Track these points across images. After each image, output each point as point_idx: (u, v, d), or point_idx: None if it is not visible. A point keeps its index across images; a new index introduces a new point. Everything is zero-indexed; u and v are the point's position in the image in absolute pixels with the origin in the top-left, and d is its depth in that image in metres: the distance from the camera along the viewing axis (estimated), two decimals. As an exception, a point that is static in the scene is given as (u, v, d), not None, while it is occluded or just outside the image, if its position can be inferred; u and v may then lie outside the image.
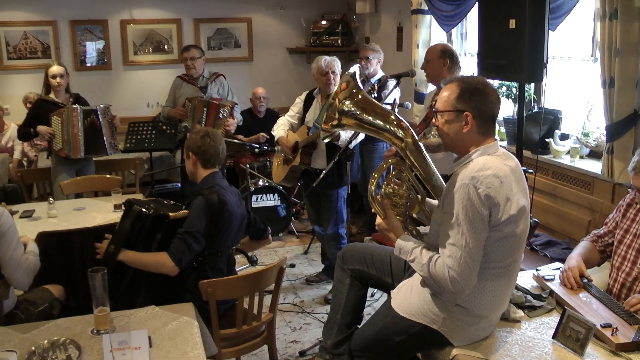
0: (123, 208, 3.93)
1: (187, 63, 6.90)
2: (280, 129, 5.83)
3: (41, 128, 6.04)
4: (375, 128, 3.27)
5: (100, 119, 6.17)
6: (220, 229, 3.84)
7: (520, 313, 3.27)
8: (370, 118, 3.25)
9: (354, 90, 3.26)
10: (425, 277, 2.99)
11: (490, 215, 2.82)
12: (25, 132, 6.25)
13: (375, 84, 6.38)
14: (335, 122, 3.31)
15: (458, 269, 2.80)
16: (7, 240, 3.54)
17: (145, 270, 3.77)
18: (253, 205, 6.93)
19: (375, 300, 5.48)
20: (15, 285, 3.66)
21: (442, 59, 4.95)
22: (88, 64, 9.12)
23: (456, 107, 2.96)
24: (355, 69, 3.36)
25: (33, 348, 2.85)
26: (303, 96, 5.92)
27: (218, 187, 3.90)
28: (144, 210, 3.74)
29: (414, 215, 3.41)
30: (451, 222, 2.85)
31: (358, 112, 3.25)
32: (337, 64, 5.61)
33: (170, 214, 3.79)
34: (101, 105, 6.26)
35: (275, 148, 6.00)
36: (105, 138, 6.21)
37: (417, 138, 3.26)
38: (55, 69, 6.11)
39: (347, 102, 3.25)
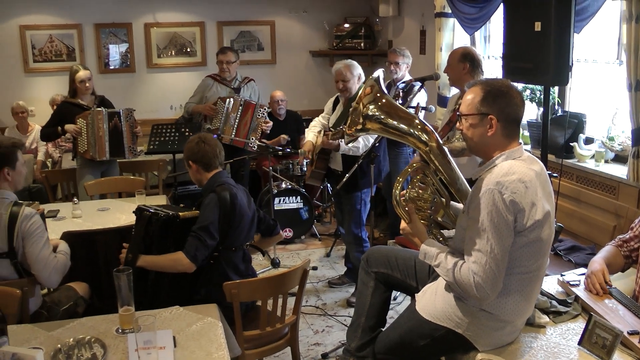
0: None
1: (222, 66, 6.96)
2: (310, 131, 5.87)
3: (69, 126, 6.09)
4: (399, 132, 3.25)
5: (122, 122, 6.21)
6: (233, 223, 3.90)
7: (545, 318, 3.25)
8: (395, 122, 3.23)
9: (378, 95, 3.24)
10: (450, 283, 2.97)
11: (515, 221, 2.80)
12: (50, 132, 6.29)
13: (401, 91, 6.37)
14: (359, 127, 3.29)
15: (483, 274, 2.78)
16: (35, 241, 3.60)
17: (165, 272, 3.83)
18: (275, 208, 6.93)
19: (397, 303, 5.47)
20: (44, 283, 3.72)
21: (462, 63, 4.92)
22: (112, 67, 9.18)
23: (480, 111, 2.94)
24: (379, 73, 3.34)
25: (59, 346, 2.87)
26: (333, 98, 5.91)
27: (228, 184, 3.99)
28: (154, 215, 3.81)
29: (439, 219, 3.39)
30: (476, 227, 2.83)
31: (382, 117, 3.23)
32: (349, 70, 5.55)
33: (180, 214, 3.86)
34: (124, 109, 6.30)
35: (299, 151, 6.01)
36: (125, 141, 6.24)
37: (441, 142, 3.25)
38: (82, 74, 6.14)
39: (371, 107, 3.24)
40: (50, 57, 8.97)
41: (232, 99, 6.75)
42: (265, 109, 6.80)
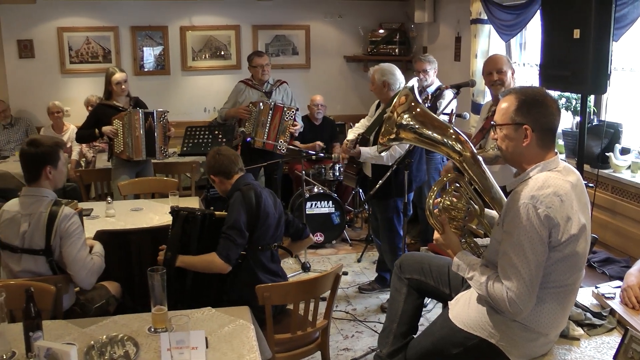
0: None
1: (263, 69, 6.95)
2: (352, 132, 5.85)
3: (106, 128, 6.14)
4: (433, 142, 3.24)
5: (155, 123, 6.25)
6: (259, 221, 3.94)
7: (579, 331, 3.21)
8: (429, 132, 3.22)
9: (413, 104, 3.23)
10: (483, 296, 2.94)
11: (550, 236, 2.76)
12: (86, 134, 6.34)
13: (430, 95, 6.34)
14: (392, 136, 3.29)
15: (516, 290, 2.75)
16: (73, 241, 3.65)
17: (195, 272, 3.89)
18: (307, 212, 6.92)
19: (428, 310, 5.43)
20: (80, 284, 3.76)
21: (510, 68, 4.93)
22: (146, 69, 9.26)
23: (515, 120, 2.89)
24: (414, 82, 3.34)
25: (92, 342, 2.90)
26: (376, 101, 5.86)
27: (252, 184, 4.05)
28: (191, 213, 3.87)
29: (473, 227, 3.37)
30: (510, 241, 2.79)
31: (417, 126, 3.22)
32: (375, 75, 5.51)
33: (216, 213, 3.94)
34: (158, 110, 6.34)
35: (332, 156, 6.01)
36: (156, 142, 6.28)
37: (475, 151, 3.22)
38: (118, 76, 6.19)
39: (405, 116, 3.23)
40: (86, 58, 9.07)
41: (261, 103, 6.76)
42: (293, 112, 6.80)
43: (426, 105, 5.65)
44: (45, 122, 8.74)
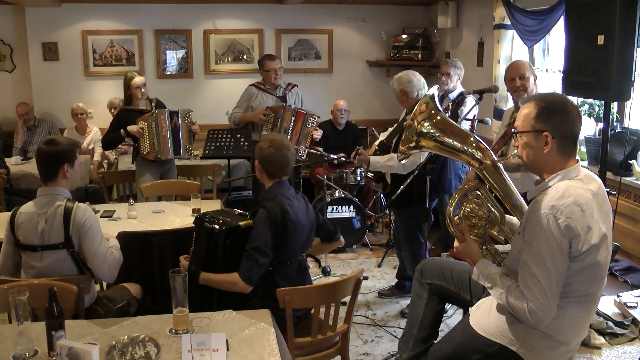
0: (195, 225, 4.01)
1: (276, 73, 6.89)
2: (381, 136, 5.80)
3: (131, 127, 6.15)
4: (453, 150, 3.24)
5: (180, 122, 6.28)
6: (286, 239, 3.83)
7: (601, 340, 3.19)
8: (449, 140, 3.22)
9: (433, 112, 3.23)
10: (503, 305, 2.93)
11: (570, 247, 2.74)
12: (113, 139, 6.34)
13: (450, 103, 6.32)
14: (413, 144, 3.29)
15: (536, 301, 2.73)
16: (92, 235, 3.70)
17: None
18: (328, 216, 6.92)
19: (448, 316, 5.42)
20: (103, 277, 3.82)
21: (532, 74, 4.90)
22: (170, 72, 9.31)
23: (535, 127, 2.87)
24: (434, 90, 3.33)
25: (113, 342, 2.91)
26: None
27: (281, 197, 3.89)
28: (216, 227, 3.79)
29: (494, 233, 3.36)
30: (531, 251, 2.78)
31: (437, 134, 3.23)
32: (394, 84, 5.46)
33: (241, 223, 3.83)
34: (183, 109, 6.37)
35: (354, 161, 6.00)
36: (181, 141, 6.31)
37: (496, 159, 3.21)
38: (138, 80, 6.20)
39: (426, 124, 3.23)
40: (110, 61, 9.16)
41: (283, 110, 6.72)
42: (315, 119, 6.77)
43: (447, 113, 5.64)
44: (68, 124, 8.84)
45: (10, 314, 2.86)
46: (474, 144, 3.18)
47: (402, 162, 4.08)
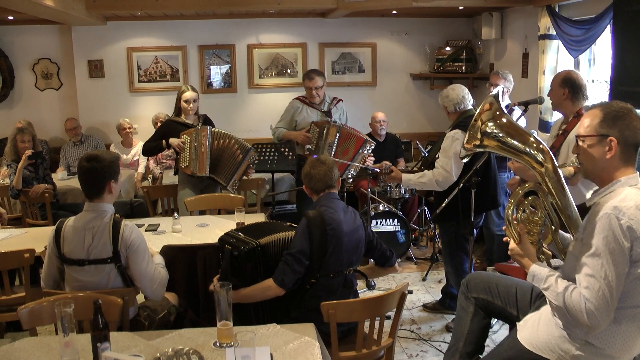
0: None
1: (312, 92, 6.84)
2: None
3: (173, 140, 6.19)
4: (515, 150, 3.22)
5: (244, 160, 6.29)
6: (327, 249, 3.80)
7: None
8: (512, 140, 3.20)
9: (497, 112, 3.23)
10: (558, 308, 2.87)
11: (631, 249, 2.69)
12: (153, 146, 6.41)
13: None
14: (477, 142, 3.28)
15: (595, 301, 2.68)
16: (139, 255, 3.72)
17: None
18: (372, 230, 6.88)
19: (494, 332, 5.34)
20: (151, 296, 3.82)
21: (562, 88, 4.73)
22: (214, 87, 9.38)
23: (599, 132, 2.86)
24: (498, 89, 3.31)
25: (158, 354, 2.91)
26: None
27: (325, 207, 3.89)
28: (234, 252, 3.78)
29: (545, 246, 3.30)
30: (591, 252, 2.74)
31: (501, 135, 3.21)
32: (440, 98, 5.39)
33: (261, 241, 3.84)
34: (252, 150, 6.38)
35: None
36: (235, 175, 6.31)
37: (556, 163, 3.17)
38: (188, 94, 6.26)
39: (490, 124, 3.23)
40: (154, 77, 9.26)
41: (328, 126, 6.67)
42: (371, 146, 6.72)
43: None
44: (114, 139, 8.96)
45: (57, 325, 2.87)
46: (534, 145, 3.15)
47: (464, 160, 4.05)
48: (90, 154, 3.78)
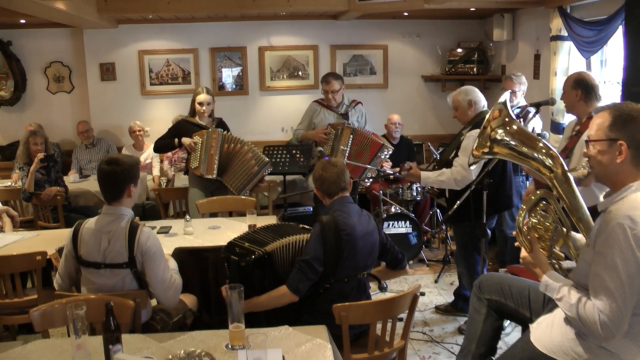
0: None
1: (328, 95, 6.96)
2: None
3: (185, 139, 6.23)
4: (524, 156, 3.20)
5: (260, 171, 6.30)
6: (342, 254, 3.78)
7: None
8: (522, 147, 3.19)
9: (507, 119, 3.22)
10: (572, 318, 2.85)
11: None
12: (165, 144, 6.45)
13: (519, 115, 6.22)
14: (486, 150, 3.27)
15: (609, 313, 2.65)
16: (156, 261, 3.71)
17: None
18: (384, 232, 6.86)
19: (506, 334, 5.31)
20: (165, 303, 3.81)
21: (574, 90, 4.71)
22: (226, 89, 9.39)
23: (609, 136, 2.81)
24: (506, 97, 3.30)
25: (170, 357, 2.90)
26: None
27: (339, 212, 3.86)
28: (242, 263, 3.77)
29: (557, 249, 3.28)
30: (604, 262, 2.71)
31: (511, 141, 3.20)
32: (457, 98, 5.35)
33: (267, 248, 3.82)
34: (269, 164, 6.39)
35: None
36: (250, 184, 6.30)
37: (566, 168, 3.15)
38: (202, 97, 6.30)
39: (499, 131, 3.22)
40: (166, 80, 9.29)
41: (343, 127, 6.71)
42: (389, 151, 6.73)
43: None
44: (125, 142, 8.99)
45: (69, 327, 2.87)
46: (543, 150, 3.14)
47: (472, 167, 4.03)
48: (110, 157, 3.76)
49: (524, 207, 3.19)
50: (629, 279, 2.65)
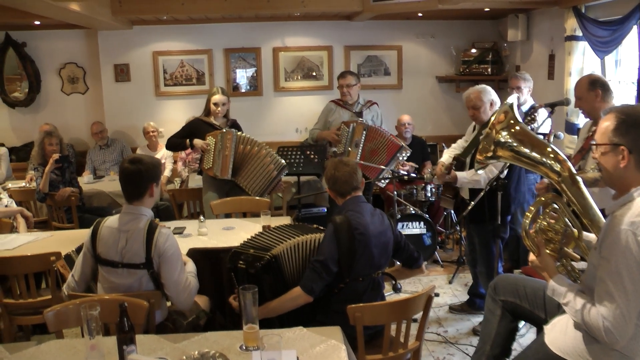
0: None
1: (343, 90, 7.01)
2: (447, 153, 5.72)
3: (197, 141, 6.26)
4: (531, 161, 3.18)
5: (278, 176, 6.34)
6: (355, 254, 3.77)
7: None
8: (527, 150, 3.17)
9: (512, 122, 3.20)
10: (578, 324, 2.84)
11: None
12: (177, 143, 6.47)
13: (526, 114, 6.18)
14: (490, 154, 3.24)
15: (613, 320, 2.65)
16: (172, 264, 3.70)
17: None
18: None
19: (521, 335, 5.28)
20: (179, 305, 3.82)
21: (592, 91, 4.66)
22: (240, 90, 9.40)
23: (612, 141, 2.79)
24: (513, 99, 3.27)
25: (184, 357, 2.90)
26: (473, 123, 5.70)
27: (352, 212, 3.85)
28: (251, 270, 3.76)
29: (569, 250, 3.25)
30: (608, 268, 2.70)
31: (515, 144, 3.18)
32: (479, 97, 5.32)
33: (274, 251, 3.81)
34: (286, 167, 6.41)
35: (424, 177, 5.92)
36: (269, 187, 6.35)
37: (574, 171, 3.12)
38: (217, 97, 6.34)
39: (504, 133, 3.19)
40: (180, 81, 9.30)
41: (355, 124, 6.72)
42: (407, 152, 6.72)
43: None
44: (139, 142, 9.01)
45: (83, 328, 2.87)
46: (551, 155, 3.11)
47: (480, 172, 4.01)
48: (133, 157, 3.78)
49: (532, 209, 3.17)
50: (633, 286, 2.64)
